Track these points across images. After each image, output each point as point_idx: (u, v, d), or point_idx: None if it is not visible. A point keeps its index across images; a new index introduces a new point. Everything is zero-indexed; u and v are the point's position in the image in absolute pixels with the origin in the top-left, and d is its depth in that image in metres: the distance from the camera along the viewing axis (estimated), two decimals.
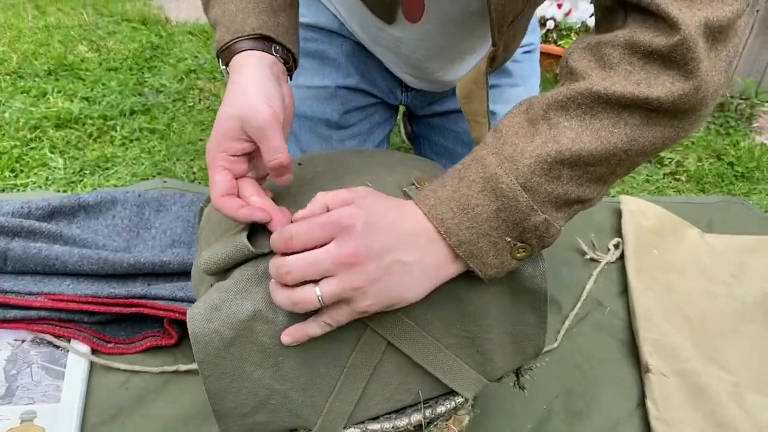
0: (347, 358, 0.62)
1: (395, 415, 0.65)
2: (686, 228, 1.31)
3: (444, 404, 0.66)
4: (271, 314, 0.57)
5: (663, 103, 0.54)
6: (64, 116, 1.45)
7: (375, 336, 0.61)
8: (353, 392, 0.63)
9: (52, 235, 0.99)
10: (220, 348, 0.57)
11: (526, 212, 0.56)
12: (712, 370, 0.97)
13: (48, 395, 0.83)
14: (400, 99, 1.09)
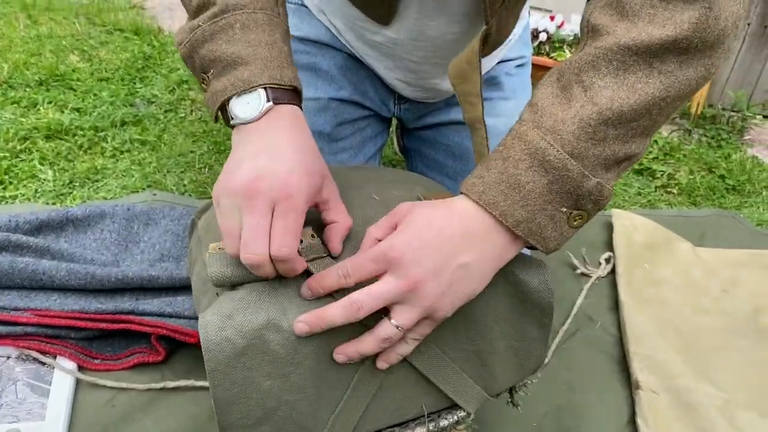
0: (356, 370, 0.61)
1: (399, 428, 0.66)
2: (678, 242, 1.31)
3: (447, 418, 0.67)
4: (284, 323, 0.57)
5: (691, 40, 0.55)
6: (54, 127, 1.44)
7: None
8: (359, 405, 0.63)
9: (40, 250, 0.98)
10: (231, 357, 0.56)
11: (578, 180, 0.56)
12: (703, 387, 0.97)
13: (33, 413, 0.82)
14: (393, 111, 1.09)
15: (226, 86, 0.60)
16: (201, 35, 0.62)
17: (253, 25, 0.61)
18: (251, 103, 0.60)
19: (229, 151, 1.45)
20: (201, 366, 0.92)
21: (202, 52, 0.62)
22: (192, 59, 0.64)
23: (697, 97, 2.02)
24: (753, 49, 2.11)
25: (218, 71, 0.61)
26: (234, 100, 0.60)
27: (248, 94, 0.60)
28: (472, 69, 0.74)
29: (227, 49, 0.60)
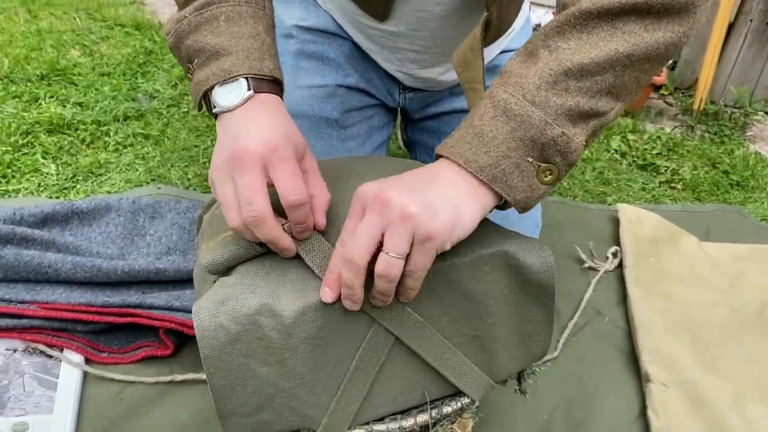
0: (354, 355, 0.60)
1: (401, 415, 0.64)
2: (683, 236, 1.31)
3: (450, 405, 0.65)
4: (278, 308, 0.56)
5: (652, 5, 0.57)
6: (56, 121, 1.43)
7: (382, 333, 0.60)
8: (359, 391, 0.62)
9: (45, 243, 0.97)
10: (225, 343, 0.56)
11: (541, 127, 0.57)
12: (712, 380, 0.96)
13: (40, 406, 0.81)
14: (398, 101, 1.09)
15: (208, 76, 0.62)
16: (187, 26, 0.63)
17: (237, 17, 0.63)
18: (233, 92, 0.61)
19: None
20: None
21: (187, 43, 0.63)
22: (178, 49, 0.65)
23: (699, 94, 2.02)
24: (755, 46, 2.11)
25: (202, 61, 0.63)
26: (216, 89, 0.61)
27: (230, 83, 0.61)
28: (474, 56, 0.75)
29: (211, 40, 0.62)
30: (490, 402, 0.91)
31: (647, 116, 2.03)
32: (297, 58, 1.00)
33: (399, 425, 0.63)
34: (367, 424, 0.63)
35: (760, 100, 2.11)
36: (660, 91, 2.19)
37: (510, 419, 0.90)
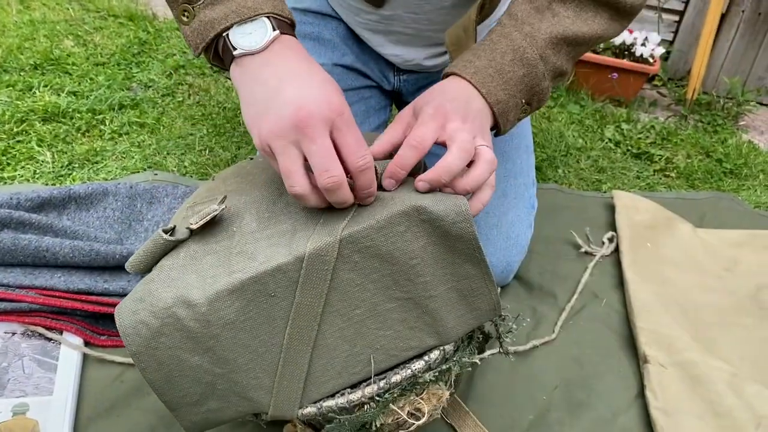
0: (283, 333, 0.60)
1: (349, 389, 0.63)
2: (679, 223, 1.32)
3: (399, 373, 0.63)
4: (192, 297, 0.56)
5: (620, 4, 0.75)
6: (51, 110, 1.42)
7: (305, 307, 0.59)
8: (298, 369, 0.61)
9: (43, 227, 0.96)
10: (149, 338, 0.56)
11: (540, 78, 0.71)
12: (710, 360, 0.97)
13: (40, 388, 0.81)
14: (393, 83, 1.09)
15: (225, 14, 0.57)
16: None
17: None
18: (255, 32, 0.58)
19: (228, 134, 1.44)
20: None
21: None
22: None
23: (692, 84, 2.03)
24: (747, 36, 2.13)
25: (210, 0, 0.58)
26: (234, 30, 0.58)
27: (250, 22, 0.58)
28: (467, 36, 0.78)
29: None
30: (489, 384, 0.92)
31: (641, 106, 2.03)
32: None
33: (347, 399, 0.62)
34: (317, 402, 0.63)
35: (753, 90, 2.12)
36: (653, 81, 2.20)
37: (509, 400, 0.90)
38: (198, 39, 0.59)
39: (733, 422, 0.88)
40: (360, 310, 0.62)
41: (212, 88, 1.66)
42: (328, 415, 0.63)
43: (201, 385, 0.59)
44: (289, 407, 0.62)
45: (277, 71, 0.57)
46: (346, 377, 0.63)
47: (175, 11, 0.61)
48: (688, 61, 2.18)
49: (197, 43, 0.60)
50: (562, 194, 1.41)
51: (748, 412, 0.89)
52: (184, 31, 0.60)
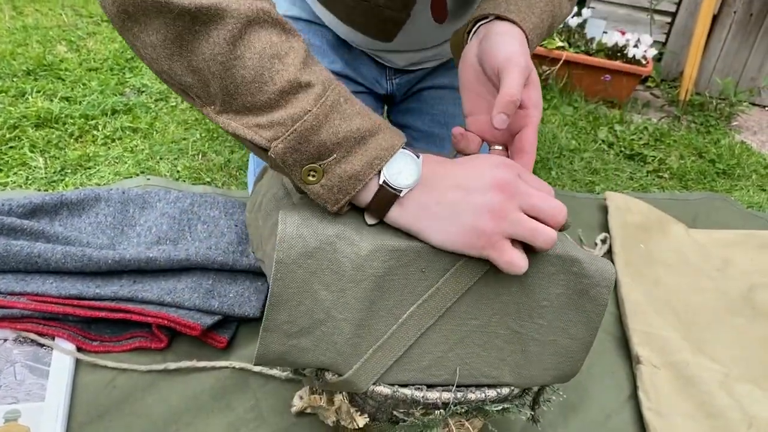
0: (407, 310, 0.61)
1: (426, 387, 0.64)
2: (671, 223, 1.33)
3: (475, 393, 0.65)
4: (357, 239, 0.58)
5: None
6: (44, 116, 1.42)
7: (439, 297, 0.61)
8: (399, 347, 0.62)
9: (34, 233, 0.96)
10: (300, 254, 0.57)
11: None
12: (702, 361, 0.97)
13: (32, 394, 0.81)
14: (386, 88, 1.09)
15: (368, 162, 0.55)
16: (314, 120, 0.54)
17: (348, 95, 0.57)
18: (404, 168, 0.57)
19: (221, 139, 1.44)
20: (202, 349, 0.91)
21: (320, 138, 0.54)
22: (298, 151, 0.54)
23: (685, 85, 2.03)
24: (739, 37, 2.14)
25: (345, 152, 0.55)
26: (386, 173, 0.56)
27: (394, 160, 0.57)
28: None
29: (348, 126, 0.55)
30: None
31: (634, 107, 2.04)
32: None
33: (424, 395, 0.63)
34: (393, 385, 0.63)
35: (745, 91, 2.13)
36: (646, 82, 2.21)
37: None
38: (338, 195, 0.56)
39: (725, 422, 0.88)
40: (476, 322, 0.63)
41: None
42: (391, 403, 0.64)
43: (310, 319, 0.59)
44: (367, 378, 0.62)
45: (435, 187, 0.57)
46: (426, 375, 0.64)
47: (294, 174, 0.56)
48: (681, 63, 2.19)
49: (337, 199, 0.56)
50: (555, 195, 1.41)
51: (740, 412, 0.89)
52: (310, 190, 0.56)
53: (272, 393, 0.86)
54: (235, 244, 1.04)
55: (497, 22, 0.68)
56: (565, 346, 0.66)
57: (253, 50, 0.52)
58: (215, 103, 0.55)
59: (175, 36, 0.53)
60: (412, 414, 0.65)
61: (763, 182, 1.66)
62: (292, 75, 0.53)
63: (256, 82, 0.53)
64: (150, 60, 0.55)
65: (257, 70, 0.52)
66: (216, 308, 0.92)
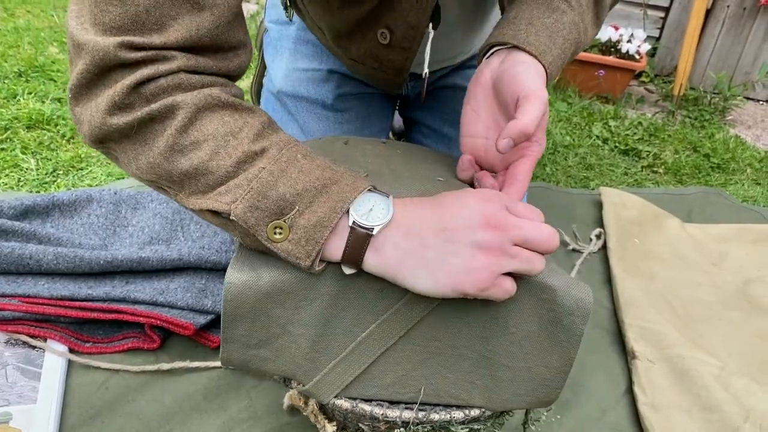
0: (367, 327, 0.61)
1: (388, 404, 0.64)
2: (666, 218, 1.32)
3: (440, 413, 0.64)
4: None
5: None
6: (35, 117, 1.41)
7: (400, 318, 0.60)
8: (359, 364, 0.62)
9: (26, 234, 0.96)
10: (251, 277, 0.57)
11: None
12: (698, 355, 0.97)
13: (24, 396, 0.80)
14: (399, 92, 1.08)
15: (332, 207, 0.54)
16: (269, 176, 0.54)
17: (308, 153, 0.57)
18: (375, 207, 0.55)
19: None
20: (195, 349, 0.91)
21: (278, 192, 0.54)
22: (258, 209, 0.54)
23: (679, 79, 2.03)
24: (732, 32, 2.13)
25: (307, 202, 0.54)
26: (352, 213, 0.55)
27: (360, 202, 0.55)
28: None
29: (307, 177, 0.55)
30: None
31: (628, 103, 2.04)
32: (296, 43, 1.00)
33: (383, 412, 0.63)
34: (354, 399, 0.63)
35: (739, 85, 2.13)
36: (640, 78, 2.21)
37: None
38: (307, 247, 0.55)
39: (721, 416, 0.88)
40: (439, 343, 0.62)
41: None
42: (352, 417, 0.64)
43: (267, 333, 0.59)
44: (328, 391, 0.62)
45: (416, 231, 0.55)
46: (390, 392, 0.64)
47: (260, 234, 0.55)
48: (675, 57, 2.19)
49: (307, 252, 0.55)
50: (550, 192, 1.41)
51: (736, 405, 0.89)
52: (279, 248, 0.55)
53: (266, 392, 0.86)
54: (228, 243, 1.03)
55: (518, 51, 0.67)
56: (539, 374, 0.64)
57: (206, 132, 0.54)
58: (183, 189, 0.56)
59: (135, 142, 0.56)
60: (378, 428, 0.65)
61: (757, 176, 1.66)
62: (246, 146, 0.54)
63: (213, 160, 0.54)
64: (125, 167, 0.59)
65: (212, 149, 0.54)
66: (209, 307, 0.92)
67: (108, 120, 0.54)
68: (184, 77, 0.55)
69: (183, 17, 0.54)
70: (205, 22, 0.55)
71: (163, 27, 0.53)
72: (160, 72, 0.54)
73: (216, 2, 0.55)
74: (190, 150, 0.54)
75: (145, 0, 0.52)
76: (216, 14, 0.55)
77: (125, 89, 0.53)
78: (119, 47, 0.52)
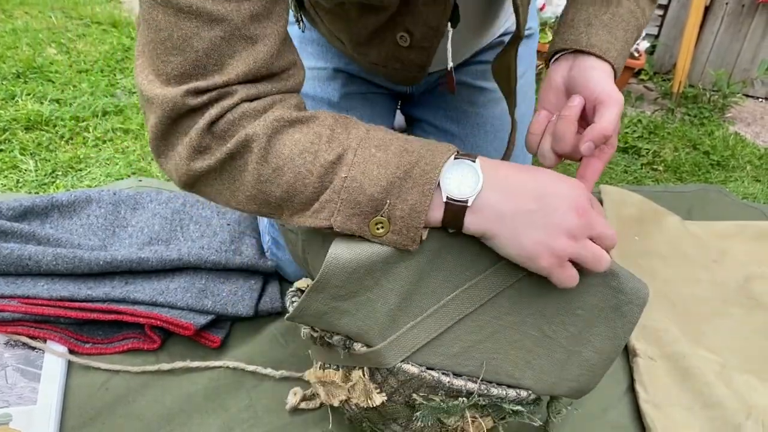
0: (453, 291, 0.62)
1: (453, 375, 0.65)
2: (667, 216, 1.32)
3: (498, 389, 0.65)
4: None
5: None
6: (34, 118, 1.41)
7: (487, 282, 0.62)
8: (436, 327, 0.63)
9: (25, 236, 0.96)
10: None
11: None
12: (699, 352, 0.97)
13: (24, 397, 0.80)
14: (404, 89, 1.08)
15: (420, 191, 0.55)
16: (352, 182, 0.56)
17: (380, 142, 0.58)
18: (463, 179, 0.56)
19: None
20: (195, 349, 0.91)
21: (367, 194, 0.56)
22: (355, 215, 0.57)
23: (678, 77, 2.03)
24: (731, 29, 2.13)
25: (396, 193, 0.56)
26: (444, 188, 0.56)
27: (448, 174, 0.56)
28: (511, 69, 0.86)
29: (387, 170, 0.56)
30: None
31: (627, 100, 2.04)
32: (302, 42, 1.00)
33: (450, 380, 0.64)
34: (420, 365, 0.64)
35: (738, 82, 2.13)
36: (639, 75, 2.21)
37: None
38: (410, 233, 0.57)
39: (723, 412, 0.88)
40: (512, 318, 0.64)
41: None
42: (414, 383, 0.65)
43: (360, 285, 0.60)
44: (397, 354, 0.63)
45: (513, 194, 0.57)
46: (453, 363, 0.65)
47: (365, 234, 0.57)
48: (674, 55, 2.19)
49: (412, 239, 0.57)
50: None
51: (738, 401, 0.89)
52: (386, 241, 0.57)
53: (266, 392, 0.86)
54: (228, 243, 1.03)
55: (584, 55, 0.70)
56: (588, 358, 0.66)
57: (284, 156, 0.57)
58: (284, 211, 0.60)
59: (226, 179, 0.59)
60: (432, 399, 0.66)
61: (757, 173, 1.66)
62: (323, 159, 0.56)
63: (299, 181, 0.57)
64: (226, 204, 0.62)
65: (294, 171, 0.57)
66: (209, 307, 0.91)
67: (192, 165, 0.58)
68: (247, 106, 0.57)
69: (240, 54, 0.56)
70: (260, 54, 0.57)
71: (223, 66, 0.56)
72: (226, 108, 0.56)
73: (266, 33, 0.57)
74: (275, 177, 0.57)
75: (203, 44, 0.54)
76: (269, 44, 0.57)
77: (200, 132, 0.56)
78: (186, 95, 0.55)
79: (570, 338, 0.65)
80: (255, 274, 1.01)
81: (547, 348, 0.65)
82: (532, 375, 0.66)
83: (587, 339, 0.65)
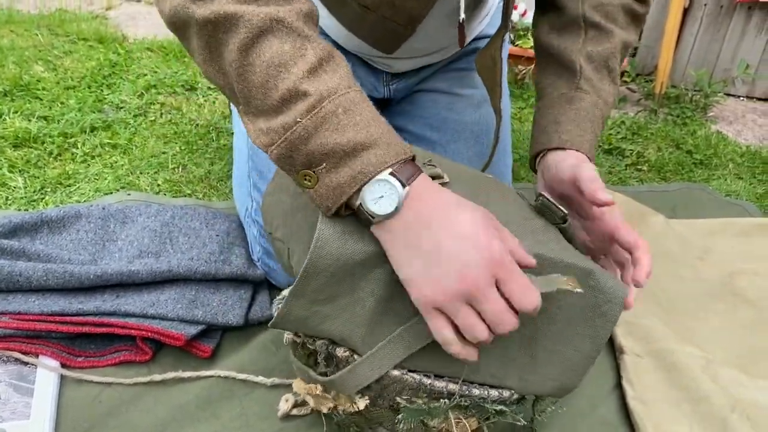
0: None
1: (434, 376, 0.66)
2: (651, 215, 1.34)
3: (479, 389, 0.66)
4: None
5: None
6: (22, 135, 1.41)
7: None
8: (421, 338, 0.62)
9: (15, 252, 0.96)
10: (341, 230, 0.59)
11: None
12: (685, 348, 0.98)
13: (17, 413, 0.80)
14: (383, 93, 1.10)
15: (351, 176, 0.56)
16: (303, 131, 0.56)
17: (352, 105, 0.57)
18: (385, 196, 0.56)
19: (201, 151, 1.45)
20: (187, 360, 0.91)
21: (308, 148, 0.56)
22: (290, 158, 0.57)
23: (660, 78, 2.06)
24: (711, 29, 2.16)
25: (333, 163, 0.56)
26: (365, 195, 0.56)
27: (377, 184, 0.56)
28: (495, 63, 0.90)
29: (339, 138, 0.56)
30: None
31: None
32: None
33: (431, 382, 0.65)
34: (402, 369, 0.65)
35: (719, 82, 2.16)
36: (622, 77, 2.24)
37: None
38: (328, 202, 0.57)
39: (709, 407, 0.89)
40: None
41: (184, 106, 1.66)
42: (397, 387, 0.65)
43: (338, 288, 0.60)
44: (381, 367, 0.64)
45: (424, 233, 0.56)
46: (436, 365, 0.65)
47: (294, 176, 0.59)
48: (655, 56, 2.22)
49: (328, 207, 0.58)
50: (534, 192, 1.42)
51: (723, 396, 0.90)
52: (308, 194, 0.58)
53: (258, 400, 0.87)
54: (217, 253, 1.04)
55: (558, 151, 0.79)
56: (568, 357, 0.67)
57: (263, 58, 0.56)
58: (240, 103, 0.60)
59: (205, 43, 0.59)
60: (415, 402, 0.66)
61: (739, 171, 1.68)
62: (291, 84, 0.56)
63: (263, 88, 0.57)
64: (197, 63, 0.62)
65: (264, 77, 0.56)
66: (199, 318, 0.92)
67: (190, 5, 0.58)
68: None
69: None
70: None
71: None
72: None
73: None
74: (245, 71, 0.57)
75: None
76: None
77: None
78: None
79: (550, 338, 0.66)
80: (245, 283, 1.02)
81: (528, 348, 0.66)
82: (515, 375, 0.67)
83: (568, 338, 0.66)
